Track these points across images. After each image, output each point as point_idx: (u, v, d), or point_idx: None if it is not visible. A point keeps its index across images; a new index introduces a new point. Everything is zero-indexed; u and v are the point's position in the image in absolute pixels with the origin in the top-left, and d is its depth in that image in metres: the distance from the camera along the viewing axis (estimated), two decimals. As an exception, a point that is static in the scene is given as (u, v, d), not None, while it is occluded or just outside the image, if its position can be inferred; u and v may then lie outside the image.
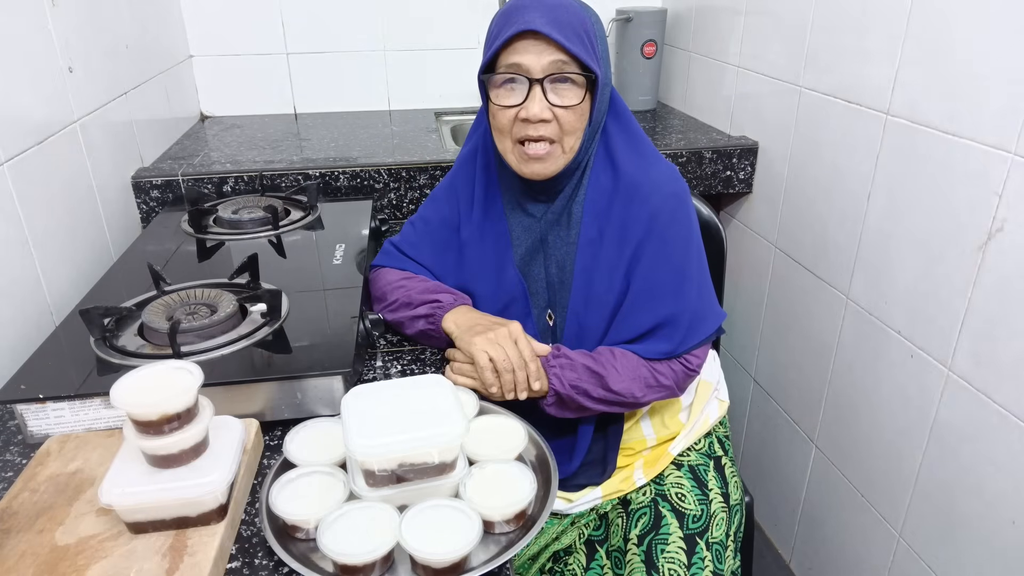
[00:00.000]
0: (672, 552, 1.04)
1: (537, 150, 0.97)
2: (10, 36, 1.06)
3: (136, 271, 1.12)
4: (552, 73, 0.93)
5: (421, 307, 1.05)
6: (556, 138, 0.96)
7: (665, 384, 1.04)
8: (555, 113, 0.95)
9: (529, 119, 0.94)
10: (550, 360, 1.00)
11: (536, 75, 0.93)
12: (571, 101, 0.95)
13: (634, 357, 1.02)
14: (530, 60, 0.93)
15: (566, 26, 0.92)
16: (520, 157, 0.99)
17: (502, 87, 0.97)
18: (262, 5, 1.90)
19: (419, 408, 0.76)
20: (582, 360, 1.01)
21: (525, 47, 0.93)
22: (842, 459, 1.44)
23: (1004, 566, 1.07)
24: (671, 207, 1.01)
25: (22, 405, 0.83)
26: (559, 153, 0.98)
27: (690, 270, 1.03)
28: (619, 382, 1.00)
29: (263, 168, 1.51)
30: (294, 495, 0.74)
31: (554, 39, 0.91)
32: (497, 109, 0.98)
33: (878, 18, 1.21)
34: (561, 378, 0.99)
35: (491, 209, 1.10)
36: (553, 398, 1.01)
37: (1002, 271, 1.02)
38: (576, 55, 0.92)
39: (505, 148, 1.01)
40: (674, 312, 1.02)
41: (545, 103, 0.94)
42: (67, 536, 0.69)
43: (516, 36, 0.92)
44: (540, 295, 1.09)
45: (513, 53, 0.94)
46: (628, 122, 1.05)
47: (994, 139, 1.01)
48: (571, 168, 1.01)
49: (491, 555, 0.71)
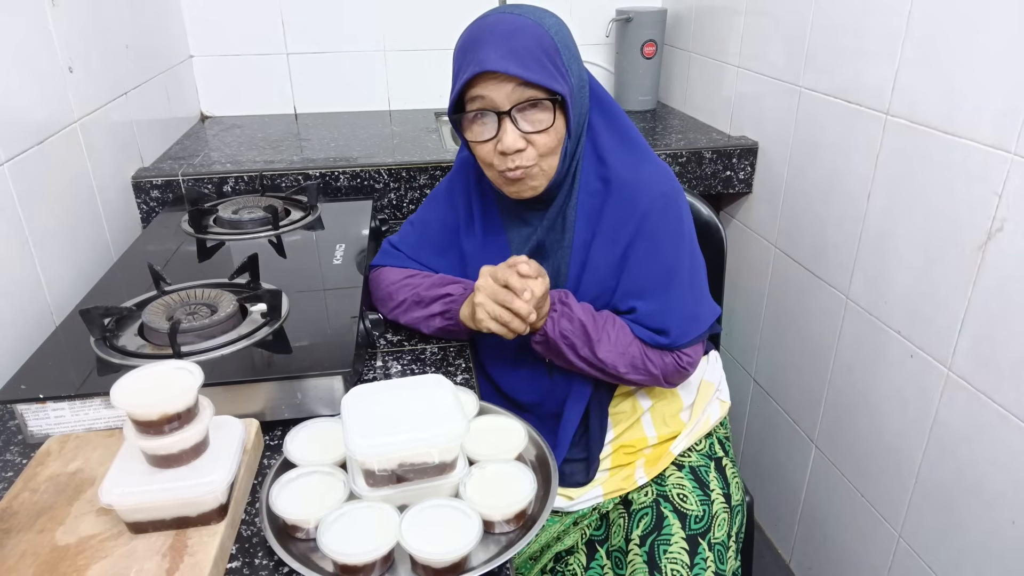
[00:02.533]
0: (675, 552, 1.04)
1: (516, 173, 0.98)
2: (10, 36, 1.06)
3: (136, 271, 1.12)
4: (518, 102, 0.93)
5: (434, 304, 1.06)
6: (534, 163, 0.97)
7: (651, 372, 1.04)
8: (530, 139, 0.95)
9: (505, 151, 0.95)
10: (554, 303, 1.01)
11: (503, 107, 0.93)
12: (543, 125, 0.95)
13: (629, 333, 1.03)
14: (493, 94, 0.93)
15: (523, 54, 0.91)
16: (505, 181, 1.01)
17: (474, 124, 0.97)
18: (262, 5, 1.90)
19: (419, 408, 0.76)
20: (581, 316, 1.01)
21: (486, 84, 0.93)
22: (842, 459, 1.44)
23: (1004, 566, 1.07)
24: (660, 206, 1.02)
25: (22, 405, 0.83)
26: (538, 172, 0.99)
27: (680, 268, 1.03)
28: (606, 352, 1.01)
29: (263, 168, 1.51)
30: (294, 495, 0.74)
31: (512, 74, 0.90)
32: (475, 145, 0.99)
33: (878, 18, 1.21)
34: (555, 323, 1.00)
35: (490, 223, 1.11)
36: (541, 337, 1.02)
37: (1002, 271, 1.02)
38: (537, 82, 0.92)
39: (492, 176, 1.02)
40: (662, 309, 1.03)
41: (517, 133, 0.94)
42: (67, 536, 0.69)
43: (476, 76, 0.92)
44: None
45: (477, 91, 0.94)
46: (614, 115, 1.05)
47: (994, 139, 1.01)
48: (559, 180, 1.02)
49: (491, 555, 0.71)
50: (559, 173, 1.00)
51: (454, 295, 1.05)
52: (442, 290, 1.07)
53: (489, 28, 0.94)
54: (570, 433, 1.12)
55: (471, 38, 0.95)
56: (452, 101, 0.98)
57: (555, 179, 1.01)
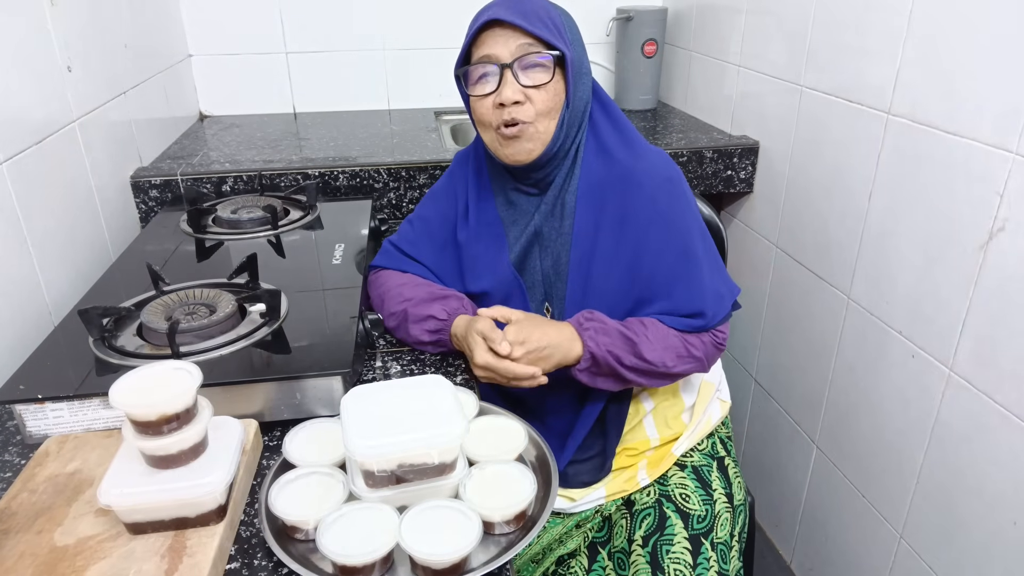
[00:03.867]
0: (677, 553, 1.04)
1: (513, 130, 1.00)
2: (9, 36, 1.06)
3: (135, 271, 1.11)
4: (520, 56, 0.97)
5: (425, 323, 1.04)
6: (530, 119, 0.99)
7: (696, 356, 1.04)
8: (528, 94, 0.98)
9: (504, 103, 0.98)
10: (583, 323, 1.00)
11: (505, 60, 0.98)
12: (542, 80, 0.98)
13: (663, 327, 1.02)
14: (498, 48, 0.98)
15: (530, 14, 0.98)
16: (500, 141, 1.02)
17: (477, 82, 1.01)
18: (261, 4, 1.89)
19: (419, 408, 0.76)
20: (615, 325, 1.01)
21: (493, 37, 0.98)
22: (843, 459, 1.44)
23: (1005, 567, 1.06)
24: (667, 191, 1.03)
25: (21, 405, 0.83)
26: (533, 132, 1.00)
27: (696, 249, 1.04)
28: (652, 351, 1.00)
29: (262, 168, 1.51)
30: (293, 496, 0.74)
31: (518, 25, 0.96)
32: (475, 101, 1.02)
33: (879, 17, 1.21)
34: (597, 342, 0.99)
35: (484, 211, 1.11)
36: (588, 362, 1.00)
37: (1003, 271, 1.02)
38: (540, 36, 0.97)
39: (488, 139, 1.04)
40: (691, 292, 1.03)
41: (517, 86, 0.98)
42: (66, 537, 0.69)
43: (483, 29, 0.98)
44: (536, 288, 1.09)
45: (482, 46, 0.99)
46: (616, 116, 1.07)
47: (995, 139, 1.01)
48: (559, 156, 1.03)
49: (491, 556, 0.71)
50: (555, 141, 1.01)
51: (441, 319, 1.04)
52: (428, 312, 1.04)
53: None
54: (584, 431, 1.11)
55: (485, 4, 1.02)
56: (460, 57, 1.02)
57: (551, 148, 1.01)
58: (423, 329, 1.04)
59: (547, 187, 1.05)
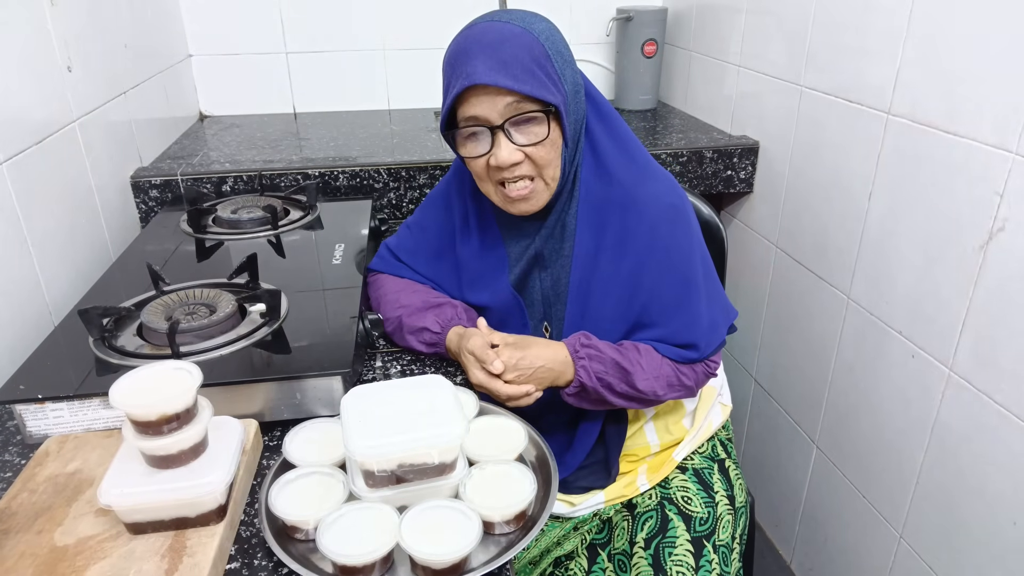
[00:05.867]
0: (679, 555, 1.04)
1: (519, 191, 0.95)
2: (9, 36, 1.06)
3: (135, 271, 1.11)
4: (510, 116, 0.90)
5: (421, 334, 1.04)
6: (534, 174, 0.95)
7: (687, 384, 1.04)
8: (525, 152, 0.93)
9: (501, 166, 0.93)
10: (578, 350, 0.99)
11: (495, 122, 0.91)
12: (538, 137, 0.92)
13: (657, 355, 1.01)
14: (485, 110, 0.90)
15: (513, 64, 0.88)
16: (504, 199, 0.98)
17: (468, 140, 0.95)
18: (261, 4, 1.89)
19: (419, 408, 0.76)
20: (611, 353, 0.99)
21: (477, 99, 0.90)
22: (843, 459, 1.44)
23: (1005, 567, 1.06)
24: (670, 218, 0.99)
25: (21, 405, 0.83)
26: (542, 187, 0.96)
27: (696, 278, 1.01)
28: (644, 380, 0.99)
29: (262, 168, 1.51)
30: (293, 496, 0.74)
31: (502, 87, 0.88)
32: (470, 162, 0.97)
33: (879, 17, 1.21)
34: (588, 370, 0.98)
35: (486, 230, 1.08)
36: (576, 388, 0.99)
37: (1003, 271, 1.02)
38: (530, 94, 0.89)
39: (488, 191, 0.99)
40: (686, 323, 1.01)
41: (512, 147, 0.92)
42: (66, 537, 0.69)
43: (466, 89, 0.90)
44: (536, 308, 1.08)
45: (468, 106, 0.91)
46: (611, 120, 1.02)
47: (995, 139, 1.01)
48: (559, 188, 0.99)
49: (491, 556, 0.71)
50: (560, 182, 0.98)
51: (435, 331, 1.03)
52: (421, 323, 1.04)
53: (476, 39, 0.91)
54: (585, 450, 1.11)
55: (458, 50, 0.92)
56: (443, 117, 0.95)
57: (557, 188, 0.98)
58: (418, 340, 1.04)
59: (548, 211, 1.02)
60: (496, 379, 0.96)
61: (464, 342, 0.98)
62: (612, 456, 1.12)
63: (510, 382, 0.96)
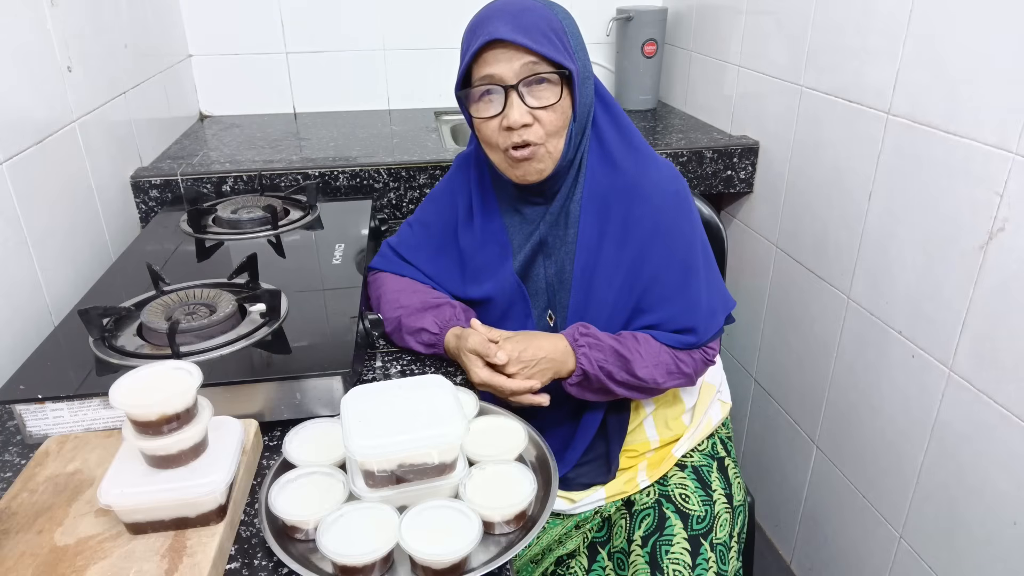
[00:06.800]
0: (676, 553, 1.04)
1: (524, 152, 0.97)
2: (9, 36, 1.06)
3: (135, 271, 1.11)
4: (525, 76, 0.93)
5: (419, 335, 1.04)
6: (541, 141, 0.96)
7: (686, 372, 1.05)
8: (536, 115, 0.95)
9: (512, 126, 0.95)
10: (577, 339, 1.00)
11: (510, 81, 0.94)
12: (549, 100, 0.95)
13: (655, 343, 1.03)
14: (501, 69, 0.93)
15: (532, 28, 0.92)
16: (509, 163, 0.99)
17: (480, 100, 0.97)
18: (261, 4, 1.89)
19: (419, 408, 0.76)
20: (609, 342, 1.01)
21: (495, 57, 0.93)
22: (843, 459, 1.44)
23: (1005, 567, 1.06)
24: (673, 205, 1.02)
25: (21, 405, 0.83)
26: (544, 153, 0.98)
27: (696, 265, 1.03)
28: (643, 368, 1.00)
29: (262, 168, 1.51)
30: (293, 496, 0.74)
31: (521, 44, 0.91)
32: (480, 122, 0.98)
33: (879, 17, 1.21)
34: (589, 358, 0.99)
35: (489, 218, 1.10)
36: (579, 377, 1.00)
37: (1003, 271, 1.02)
38: (546, 55, 0.92)
39: (496, 159, 1.01)
40: (685, 308, 1.02)
41: (524, 108, 0.94)
42: (66, 537, 0.69)
43: (484, 48, 0.93)
44: (540, 296, 1.09)
45: (484, 65, 0.94)
46: (618, 115, 1.05)
47: (995, 139, 1.01)
48: (564, 167, 1.01)
49: (491, 556, 0.71)
50: (564, 157, 0.99)
51: (433, 332, 1.04)
52: (420, 324, 1.04)
53: (499, 7, 0.96)
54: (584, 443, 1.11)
55: (481, 17, 0.96)
56: (459, 77, 0.98)
57: (560, 164, 0.99)
58: (417, 341, 1.05)
59: (552, 196, 1.04)
60: (499, 375, 0.96)
61: (463, 342, 0.99)
62: (613, 451, 1.12)
63: (514, 376, 0.96)
